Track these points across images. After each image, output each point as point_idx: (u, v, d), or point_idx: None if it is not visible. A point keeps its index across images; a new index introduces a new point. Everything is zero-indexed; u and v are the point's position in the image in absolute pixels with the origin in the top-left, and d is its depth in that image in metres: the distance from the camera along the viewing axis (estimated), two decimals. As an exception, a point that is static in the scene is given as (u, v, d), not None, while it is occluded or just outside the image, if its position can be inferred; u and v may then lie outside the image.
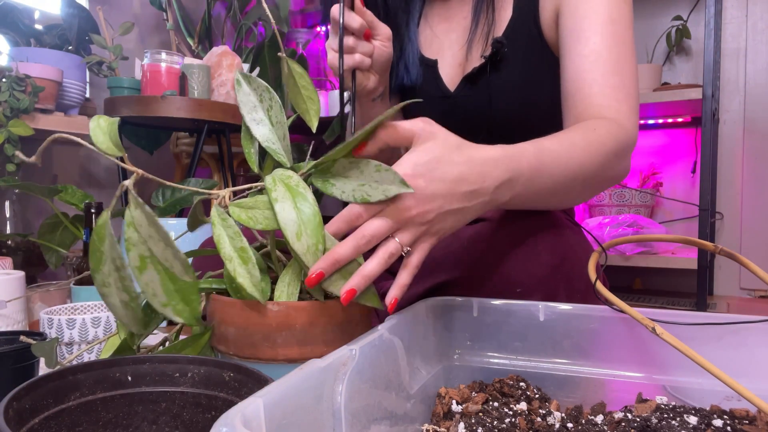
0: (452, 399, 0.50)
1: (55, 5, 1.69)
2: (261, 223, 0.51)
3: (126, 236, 0.46)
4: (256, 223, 0.51)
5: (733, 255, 0.58)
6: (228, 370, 0.46)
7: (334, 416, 0.36)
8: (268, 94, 0.56)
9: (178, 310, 0.47)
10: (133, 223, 0.46)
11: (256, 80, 0.56)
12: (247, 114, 0.56)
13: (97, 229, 0.47)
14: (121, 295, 0.47)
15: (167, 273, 0.47)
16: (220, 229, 0.51)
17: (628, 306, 0.50)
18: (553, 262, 0.65)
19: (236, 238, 0.51)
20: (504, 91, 0.85)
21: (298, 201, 0.50)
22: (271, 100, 0.56)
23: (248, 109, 0.56)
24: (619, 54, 0.75)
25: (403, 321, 0.49)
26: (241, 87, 0.57)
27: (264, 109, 0.56)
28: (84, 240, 1.02)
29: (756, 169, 1.91)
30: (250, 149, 0.58)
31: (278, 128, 0.56)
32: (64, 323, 0.76)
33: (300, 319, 0.51)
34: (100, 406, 0.44)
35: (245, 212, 0.52)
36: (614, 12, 0.76)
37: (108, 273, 0.46)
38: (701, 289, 1.62)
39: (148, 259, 0.46)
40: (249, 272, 0.50)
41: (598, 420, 0.47)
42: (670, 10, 1.98)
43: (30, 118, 1.39)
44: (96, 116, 0.50)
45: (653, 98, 1.73)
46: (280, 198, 0.50)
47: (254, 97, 0.56)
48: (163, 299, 0.47)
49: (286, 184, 0.51)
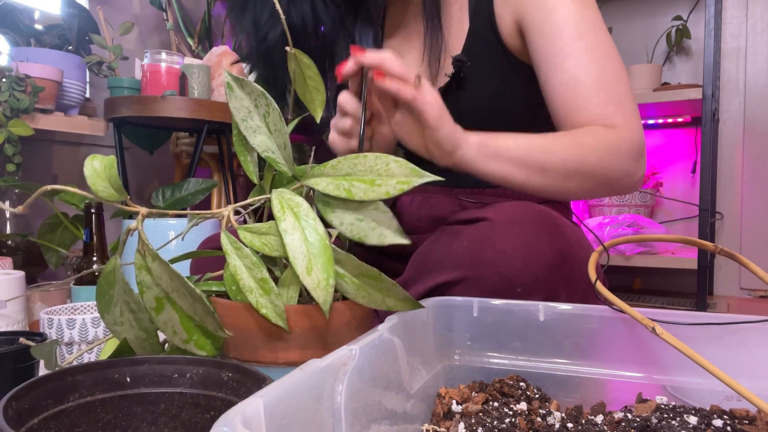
0: (452, 399, 0.50)
1: (55, 5, 1.69)
2: (277, 250, 0.49)
3: (138, 280, 0.46)
4: (272, 250, 0.49)
5: (732, 255, 0.58)
6: (226, 370, 0.46)
7: (334, 416, 0.36)
8: (264, 99, 0.52)
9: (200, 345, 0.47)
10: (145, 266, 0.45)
11: (250, 84, 0.52)
12: (241, 121, 0.53)
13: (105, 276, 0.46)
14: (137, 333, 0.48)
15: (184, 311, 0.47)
16: (235, 260, 0.49)
17: (628, 306, 0.50)
18: (554, 262, 0.65)
19: (255, 268, 0.49)
20: (474, 106, 0.85)
21: (308, 232, 0.48)
22: (267, 106, 0.52)
23: (242, 116, 0.53)
24: (598, 67, 0.73)
25: (403, 321, 0.49)
26: (233, 92, 0.52)
27: (260, 116, 0.53)
28: (84, 240, 1.02)
29: (756, 169, 1.91)
30: (247, 158, 0.55)
31: (277, 136, 0.53)
32: (64, 323, 0.76)
33: (300, 322, 0.51)
34: (99, 406, 0.44)
35: (258, 238, 0.50)
36: (580, 24, 0.75)
37: (120, 313, 0.47)
38: (701, 289, 1.62)
39: (164, 300, 0.46)
40: (272, 302, 0.49)
41: (598, 420, 0.47)
42: (670, 10, 1.98)
43: (30, 118, 1.39)
44: (89, 157, 0.45)
45: (653, 98, 1.73)
46: (290, 229, 0.48)
47: (248, 102, 0.53)
48: (184, 336, 0.47)
49: (295, 213, 0.49)
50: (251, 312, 0.50)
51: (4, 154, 1.34)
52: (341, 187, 0.50)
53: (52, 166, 1.73)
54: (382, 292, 0.51)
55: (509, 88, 0.84)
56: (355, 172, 0.50)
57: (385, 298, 0.52)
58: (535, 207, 0.70)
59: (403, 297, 0.52)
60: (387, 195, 0.49)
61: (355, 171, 0.50)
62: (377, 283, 0.51)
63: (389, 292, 0.51)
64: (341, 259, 0.51)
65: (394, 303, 0.52)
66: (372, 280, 0.51)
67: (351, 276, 0.51)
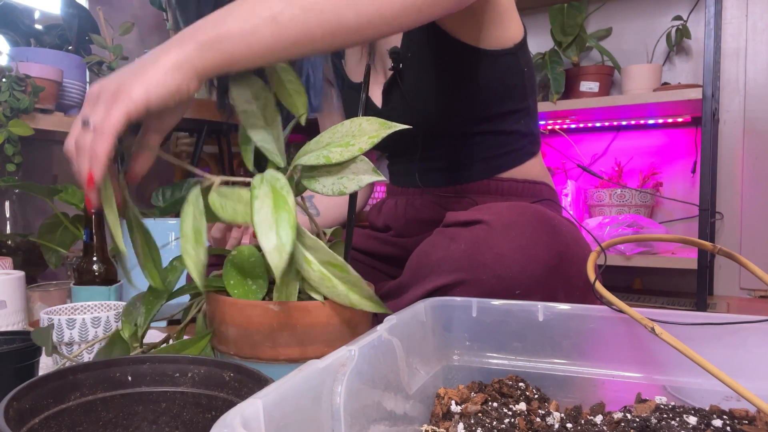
0: (451, 399, 0.50)
1: (55, 5, 1.69)
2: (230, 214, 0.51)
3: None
4: (225, 212, 0.50)
5: (732, 255, 0.58)
6: (228, 371, 0.46)
7: (333, 417, 0.36)
8: (264, 92, 0.56)
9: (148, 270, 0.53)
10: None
11: (251, 77, 0.56)
12: (242, 113, 0.56)
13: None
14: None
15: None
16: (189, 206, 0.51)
17: (628, 306, 0.50)
18: (552, 263, 0.65)
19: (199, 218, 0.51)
20: (421, 94, 0.86)
21: (278, 202, 0.48)
22: (266, 99, 0.56)
23: (243, 108, 0.56)
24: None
25: (402, 321, 0.49)
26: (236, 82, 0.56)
27: (260, 108, 0.56)
28: (84, 240, 1.02)
29: (756, 169, 1.91)
30: (248, 147, 0.57)
31: (273, 128, 0.56)
32: (64, 323, 0.76)
33: (301, 319, 0.51)
34: (100, 406, 0.44)
35: (220, 200, 0.51)
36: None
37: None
38: (701, 289, 1.62)
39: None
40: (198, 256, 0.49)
41: (597, 420, 0.48)
42: (670, 10, 1.98)
43: (30, 118, 1.39)
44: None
45: (653, 98, 1.73)
46: (261, 197, 0.49)
47: (249, 94, 0.56)
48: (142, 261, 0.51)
49: (272, 186, 0.50)
50: (252, 308, 0.51)
51: (4, 154, 1.34)
52: (321, 156, 0.52)
53: (52, 166, 1.73)
54: (346, 285, 0.51)
55: (453, 72, 0.83)
56: (334, 140, 0.53)
57: (349, 293, 0.52)
58: (531, 208, 0.70)
59: (368, 295, 0.52)
60: (360, 151, 0.51)
61: (333, 139, 0.53)
62: (343, 274, 0.51)
63: (354, 286, 0.51)
64: (310, 245, 0.51)
65: (358, 300, 0.52)
66: (338, 270, 0.51)
67: (318, 263, 0.51)
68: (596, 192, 1.93)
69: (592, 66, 1.90)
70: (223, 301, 0.53)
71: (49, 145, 1.71)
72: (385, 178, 0.52)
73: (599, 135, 2.12)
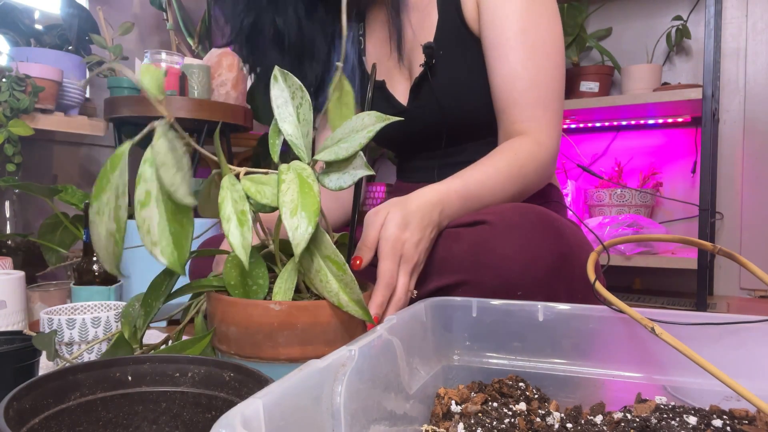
0: (451, 399, 0.50)
1: (55, 5, 1.69)
2: (268, 198, 0.52)
3: (139, 172, 0.47)
4: (263, 197, 0.52)
5: (731, 255, 0.58)
6: (228, 370, 0.46)
7: (333, 417, 0.36)
8: (300, 92, 0.58)
9: (166, 253, 0.47)
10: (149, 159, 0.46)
11: (291, 78, 0.58)
12: (277, 108, 0.58)
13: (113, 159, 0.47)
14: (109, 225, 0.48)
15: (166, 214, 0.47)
16: (226, 191, 0.51)
17: (627, 306, 0.50)
18: (554, 265, 0.65)
19: (240, 201, 0.51)
20: (449, 93, 0.89)
21: (304, 188, 0.52)
22: (302, 98, 0.58)
23: (279, 104, 0.58)
24: (536, 67, 0.80)
25: (402, 321, 0.49)
26: (276, 82, 0.59)
27: (294, 106, 0.58)
28: (84, 240, 1.02)
29: (756, 169, 1.91)
30: (276, 140, 0.59)
31: (304, 125, 0.58)
32: (64, 323, 0.76)
33: (302, 318, 0.51)
34: (101, 406, 0.44)
35: (255, 185, 0.53)
36: (527, 21, 0.80)
37: (106, 201, 0.47)
38: (701, 289, 1.62)
39: (152, 196, 0.47)
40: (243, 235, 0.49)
41: (597, 420, 0.48)
42: (670, 10, 1.98)
43: (30, 118, 1.40)
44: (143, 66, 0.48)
45: (653, 98, 1.73)
46: (288, 181, 0.52)
47: (287, 94, 0.58)
48: (155, 238, 0.47)
49: (298, 174, 0.53)
50: (253, 308, 0.51)
51: (4, 154, 1.35)
52: (333, 153, 0.55)
53: (52, 166, 1.73)
54: (340, 282, 0.52)
55: (481, 77, 0.87)
56: (344, 136, 0.56)
57: (340, 292, 0.52)
58: (534, 209, 0.70)
59: (356, 298, 0.52)
60: (360, 146, 0.54)
61: (344, 135, 0.56)
62: (339, 273, 0.52)
63: (347, 287, 0.52)
64: (316, 236, 0.52)
65: (347, 301, 0.52)
66: (336, 267, 0.52)
67: (319, 256, 0.52)
68: (596, 192, 1.93)
69: (592, 66, 1.90)
70: (224, 300, 0.53)
71: (49, 145, 1.71)
72: (373, 172, 0.54)
73: (599, 135, 2.12)
